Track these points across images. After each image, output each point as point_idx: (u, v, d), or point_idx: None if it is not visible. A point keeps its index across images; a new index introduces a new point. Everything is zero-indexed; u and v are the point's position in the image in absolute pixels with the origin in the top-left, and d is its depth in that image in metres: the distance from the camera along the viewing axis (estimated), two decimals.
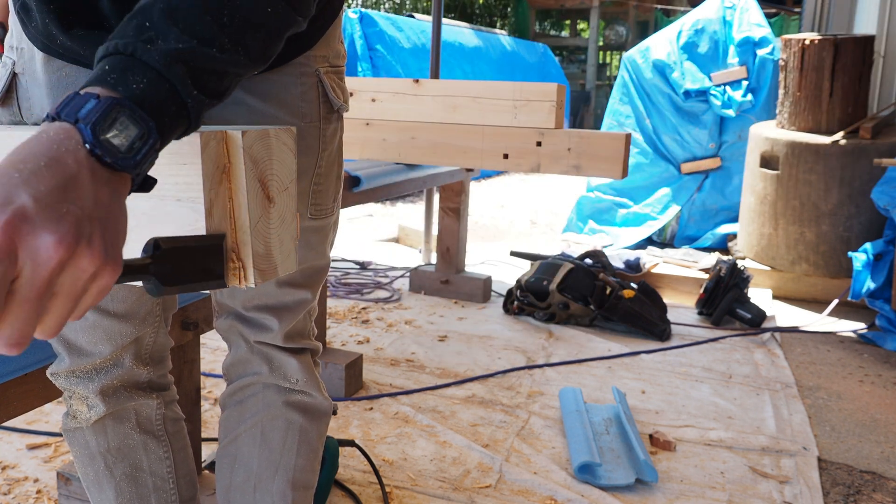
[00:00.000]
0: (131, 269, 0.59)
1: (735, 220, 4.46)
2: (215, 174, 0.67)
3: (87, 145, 0.54)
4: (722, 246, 4.47)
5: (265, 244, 0.71)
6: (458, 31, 8.05)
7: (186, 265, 0.64)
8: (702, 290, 3.24)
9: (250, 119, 0.94)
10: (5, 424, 2.02)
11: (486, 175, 8.36)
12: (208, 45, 0.62)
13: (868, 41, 3.62)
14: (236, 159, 0.68)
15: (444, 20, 8.13)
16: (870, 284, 2.97)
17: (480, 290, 3.39)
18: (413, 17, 7.68)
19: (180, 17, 0.62)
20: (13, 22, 0.92)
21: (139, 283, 0.62)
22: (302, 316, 1.09)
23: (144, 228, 0.70)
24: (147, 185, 0.61)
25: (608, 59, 15.84)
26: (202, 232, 0.67)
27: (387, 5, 13.76)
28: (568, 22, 16.93)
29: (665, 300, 3.24)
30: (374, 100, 2.63)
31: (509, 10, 14.74)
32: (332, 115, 1.00)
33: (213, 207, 0.67)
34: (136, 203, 0.69)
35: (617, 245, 4.55)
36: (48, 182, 0.51)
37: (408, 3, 13.51)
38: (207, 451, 1.84)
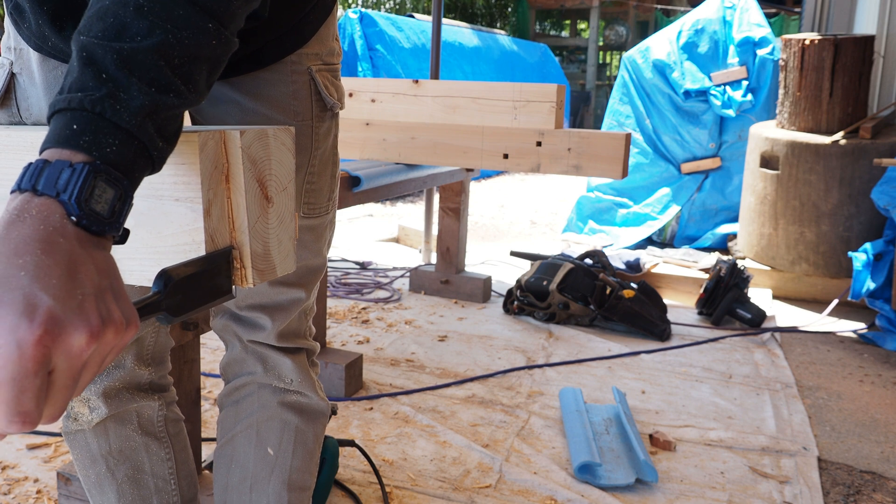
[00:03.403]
0: (144, 311, 0.60)
1: (735, 220, 4.46)
2: (214, 174, 0.67)
3: (73, 218, 0.53)
4: (722, 246, 4.47)
5: (263, 244, 0.71)
6: (458, 31, 8.05)
7: (196, 290, 0.65)
8: (702, 290, 3.24)
9: (242, 117, 0.93)
10: None
11: (486, 175, 8.36)
12: (165, 91, 0.61)
13: (868, 41, 3.62)
14: (235, 159, 0.68)
15: (444, 20, 8.13)
16: (870, 284, 2.97)
17: (480, 290, 3.39)
18: (413, 17, 7.68)
19: (136, 65, 0.59)
20: (8, 23, 0.92)
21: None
22: (297, 315, 1.08)
23: (142, 228, 0.70)
24: (124, 237, 0.61)
25: (608, 59, 15.84)
26: (200, 232, 0.67)
27: (387, 5, 13.76)
28: (568, 22, 16.93)
29: (665, 300, 3.24)
30: (373, 100, 2.63)
31: (509, 10, 14.74)
32: (325, 114, 1.00)
33: (211, 207, 0.67)
34: (134, 203, 0.69)
35: (617, 245, 4.55)
36: (56, 273, 0.50)
37: (408, 3, 13.51)
38: (207, 451, 1.84)
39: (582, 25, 17.08)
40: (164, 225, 0.68)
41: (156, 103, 0.60)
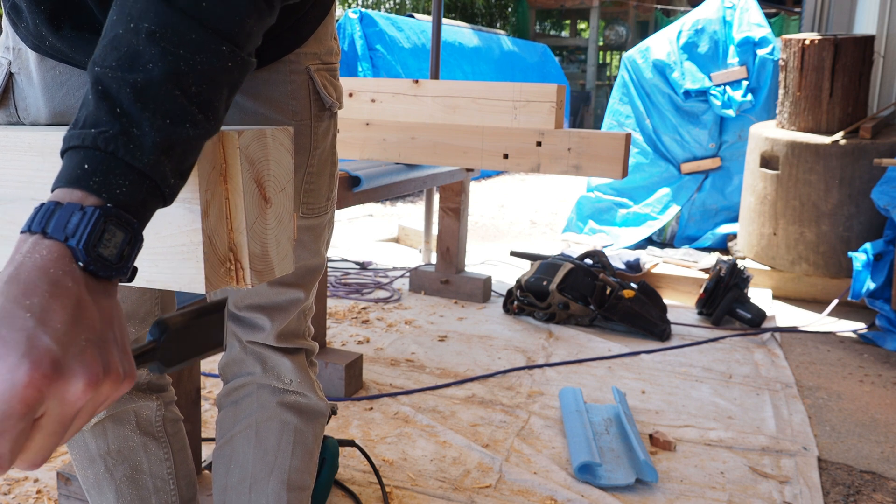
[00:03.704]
0: (139, 359, 0.60)
1: (735, 220, 4.46)
2: (212, 175, 0.67)
3: (80, 264, 0.53)
4: (722, 246, 4.47)
5: (262, 245, 0.71)
6: (458, 31, 8.05)
7: (190, 341, 0.64)
8: (702, 290, 3.24)
9: (240, 117, 0.93)
10: None
11: (486, 175, 8.36)
12: (181, 123, 0.59)
13: (868, 41, 3.61)
14: (233, 160, 0.68)
15: (444, 20, 8.13)
16: (870, 284, 2.97)
17: (480, 290, 3.39)
18: (413, 17, 7.67)
19: (150, 97, 0.58)
20: (5, 23, 0.92)
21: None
22: (296, 315, 1.08)
23: None
24: (132, 276, 0.60)
25: (608, 59, 15.84)
26: (199, 233, 0.66)
27: (387, 5, 13.76)
28: (568, 22, 16.93)
29: (665, 300, 3.24)
30: (373, 100, 2.63)
31: (509, 10, 14.73)
32: (323, 114, 0.99)
33: (209, 208, 0.67)
34: None
35: (617, 245, 4.55)
36: (61, 316, 0.50)
37: (408, 3, 13.50)
38: (207, 452, 1.84)
39: (582, 25, 17.08)
40: (161, 226, 0.68)
41: (170, 138, 0.58)
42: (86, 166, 0.56)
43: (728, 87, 4.46)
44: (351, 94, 2.65)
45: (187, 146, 0.60)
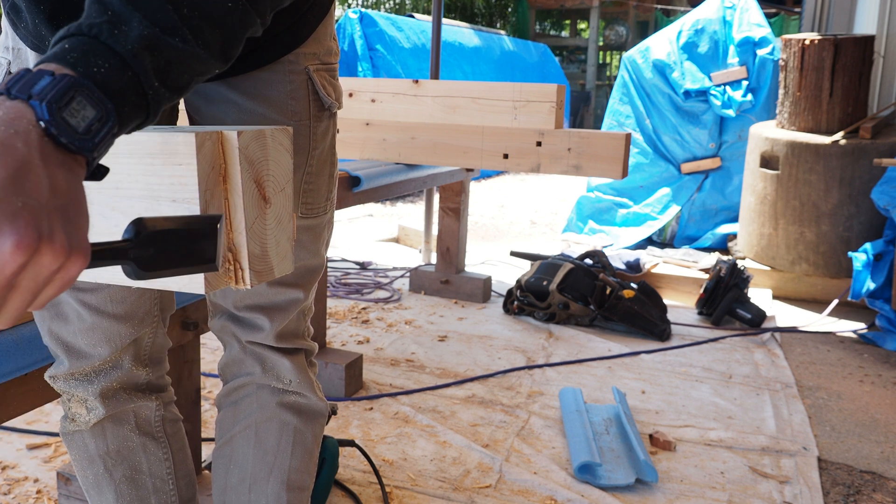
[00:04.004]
0: (105, 254, 0.55)
1: (735, 220, 4.46)
2: (211, 175, 0.67)
3: (41, 123, 0.50)
4: (722, 246, 4.47)
5: (261, 245, 0.71)
6: (458, 31, 8.05)
7: (172, 248, 0.59)
8: (702, 290, 3.24)
9: (239, 117, 0.93)
10: (5, 424, 2.02)
11: (486, 175, 8.36)
12: (171, 34, 0.59)
13: (868, 41, 3.61)
14: (232, 160, 0.68)
15: (444, 20, 8.13)
16: (870, 284, 2.97)
17: (480, 290, 3.39)
18: (413, 17, 7.67)
19: (141, 4, 0.58)
20: (5, 23, 0.92)
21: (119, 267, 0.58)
22: (295, 316, 1.08)
23: None
24: (99, 173, 0.57)
25: (608, 59, 15.83)
26: None
27: (387, 5, 13.75)
28: (568, 22, 16.92)
29: (665, 300, 3.24)
30: (373, 100, 2.63)
31: (509, 10, 14.73)
32: (322, 114, 0.99)
33: (208, 208, 0.67)
34: (130, 204, 0.68)
35: (617, 245, 4.55)
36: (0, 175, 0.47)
37: (408, 3, 13.50)
38: (207, 452, 1.83)
39: (582, 25, 17.07)
40: None
41: (157, 39, 0.58)
42: (66, 46, 0.55)
43: (728, 87, 4.46)
44: (351, 94, 2.65)
45: (174, 56, 0.59)
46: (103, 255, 0.54)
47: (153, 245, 0.57)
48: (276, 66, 0.93)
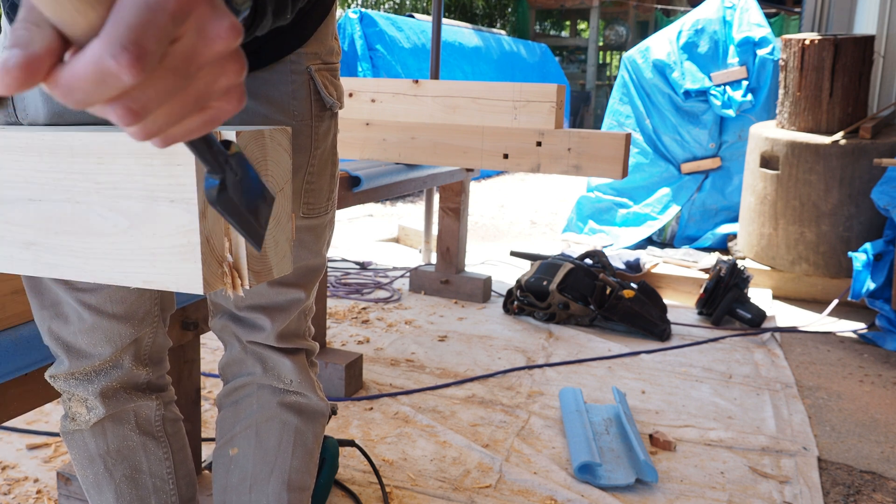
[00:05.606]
0: (213, 144, 0.48)
1: (735, 220, 4.46)
2: None
3: None
4: (722, 246, 4.47)
5: None
6: (458, 31, 8.05)
7: (247, 191, 0.52)
8: (702, 290, 3.24)
9: (240, 117, 0.93)
10: (5, 424, 2.02)
11: (486, 175, 8.36)
12: None
13: (868, 41, 3.61)
14: None
15: (444, 20, 8.13)
16: (870, 284, 2.97)
17: (480, 290, 3.39)
18: (413, 17, 7.67)
19: None
20: (5, 23, 0.92)
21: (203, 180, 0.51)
22: (296, 316, 1.08)
23: (138, 229, 0.69)
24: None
25: (608, 59, 15.83)
26: (196, 233, 0.66)
27: (387, 5, 13.75)
28: (568, 22, 16.92)
29: (665, 300, 3.24)
30: (373, 100, 2.63)
31: (509, 10, 14.73)
32: (324, 114, 0.99)
33: (207, 209, 0.67)
34: (128, 204, 0.68)
35: (617, 245, 4.55)
36: None
37: (408, 3, 13.50)
38: (207, 452, 1.84)
39: (582, 25, 17.07)
40: (159, 226, 0.68)
41: None
42: None
43: (728, 87, 4.46)
44: (351, 94, 2.65)
45: None
46: (211, 144, 0.48)
47: (241, 172, 0.52)
48: (277, 66, 0.93)
